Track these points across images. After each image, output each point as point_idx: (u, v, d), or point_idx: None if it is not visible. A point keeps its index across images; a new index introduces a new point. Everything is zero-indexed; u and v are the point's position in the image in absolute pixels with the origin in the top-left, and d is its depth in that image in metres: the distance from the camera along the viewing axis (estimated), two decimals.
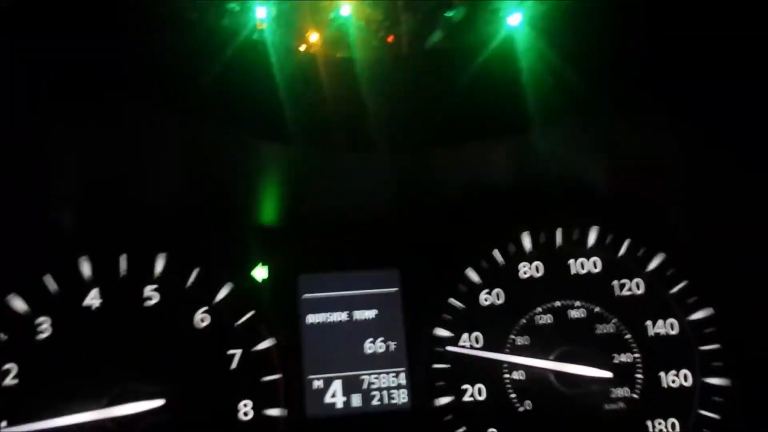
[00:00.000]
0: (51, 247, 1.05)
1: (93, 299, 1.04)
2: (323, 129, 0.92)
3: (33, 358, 1.01)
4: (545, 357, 1.08)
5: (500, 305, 1.12)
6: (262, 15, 0.88)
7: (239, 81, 0.88)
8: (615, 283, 1.13)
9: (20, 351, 1.01)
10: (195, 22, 0.86)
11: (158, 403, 0.99)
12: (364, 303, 1.10)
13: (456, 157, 0.98)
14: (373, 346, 1.09)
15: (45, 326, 1.02)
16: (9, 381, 1.00)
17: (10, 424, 0.98)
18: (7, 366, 1.00)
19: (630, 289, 1.13)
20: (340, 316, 1.10)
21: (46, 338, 1.02)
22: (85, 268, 1.05)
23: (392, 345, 1.09)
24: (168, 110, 0.89)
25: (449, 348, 1.08)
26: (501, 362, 1.08)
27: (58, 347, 1.02)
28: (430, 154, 0.95)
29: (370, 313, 1.10)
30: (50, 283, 1.04)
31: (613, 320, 1.11)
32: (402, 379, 1.08)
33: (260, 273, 1.09)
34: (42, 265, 1.04)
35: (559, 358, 1.07)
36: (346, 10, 0.90)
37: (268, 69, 0.88)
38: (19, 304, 1.03)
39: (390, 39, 0.89)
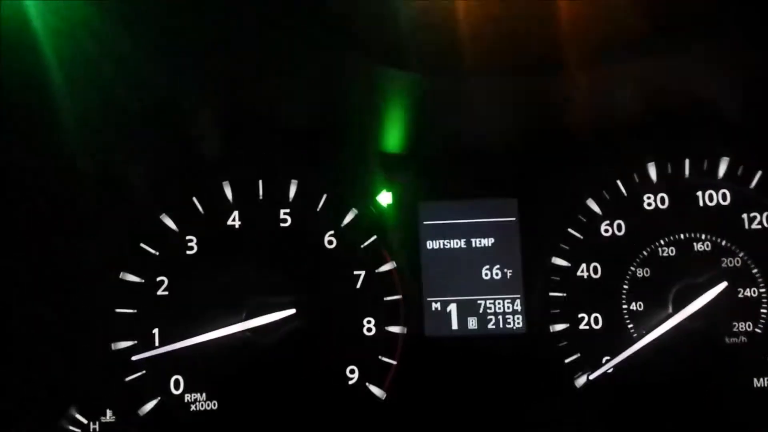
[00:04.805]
0: (198, 173, 1.14)
1: (234, 220, 1.14)
2: (448, 53, 0.92)
3: (181, 272, 1.12)
4: (666, 291, 1.07)
5: (621, 236, 1.11)
6: None
7: (364, 6, 0.89)
8: (745, 216, 1.09)
9: (170, 265, 1.13)
10: None
11: (290, 312, 1.08)
12: (482, 231, 1.13)
13: (582, 81, 0.96)
14: (490, 273, 1.12)
15: (192, 244, 1.13)
16: (161, 291, 1.12)
17: (162, 332, 1.11)
18: (159, 278, 1.12)
19: (761, 223, 1.09)
20: (459, 243, 1.14)
21: (193, 255, 1.13)
22: (228, 192, 1.14)
23: (509, 272, 1.12)
24: (299, 38, 0.91)
25: None
26: (620, 292, 1.09)
27: (203, 263, 1.13)
28: (555, 77, 0.94)
29: (487, 241, 1.13)
30: (197, 205, 1.14)
31: (741, 254, 1.08)
32: (518, 306, 1.11)
33: (384, 199, 1.14)
34: (190, 189, 1.14)
35: (680, 292, 1.06)
36: None
37: None
38: (169, 223, 1.14)
39: None
